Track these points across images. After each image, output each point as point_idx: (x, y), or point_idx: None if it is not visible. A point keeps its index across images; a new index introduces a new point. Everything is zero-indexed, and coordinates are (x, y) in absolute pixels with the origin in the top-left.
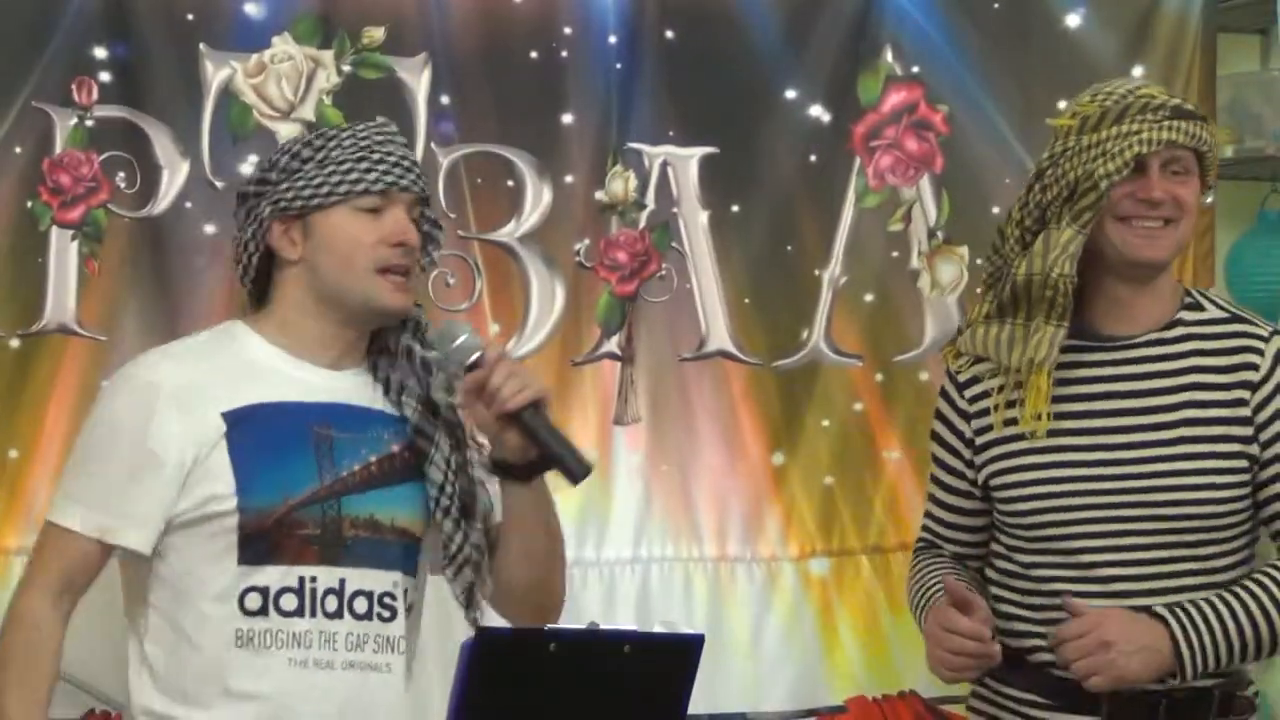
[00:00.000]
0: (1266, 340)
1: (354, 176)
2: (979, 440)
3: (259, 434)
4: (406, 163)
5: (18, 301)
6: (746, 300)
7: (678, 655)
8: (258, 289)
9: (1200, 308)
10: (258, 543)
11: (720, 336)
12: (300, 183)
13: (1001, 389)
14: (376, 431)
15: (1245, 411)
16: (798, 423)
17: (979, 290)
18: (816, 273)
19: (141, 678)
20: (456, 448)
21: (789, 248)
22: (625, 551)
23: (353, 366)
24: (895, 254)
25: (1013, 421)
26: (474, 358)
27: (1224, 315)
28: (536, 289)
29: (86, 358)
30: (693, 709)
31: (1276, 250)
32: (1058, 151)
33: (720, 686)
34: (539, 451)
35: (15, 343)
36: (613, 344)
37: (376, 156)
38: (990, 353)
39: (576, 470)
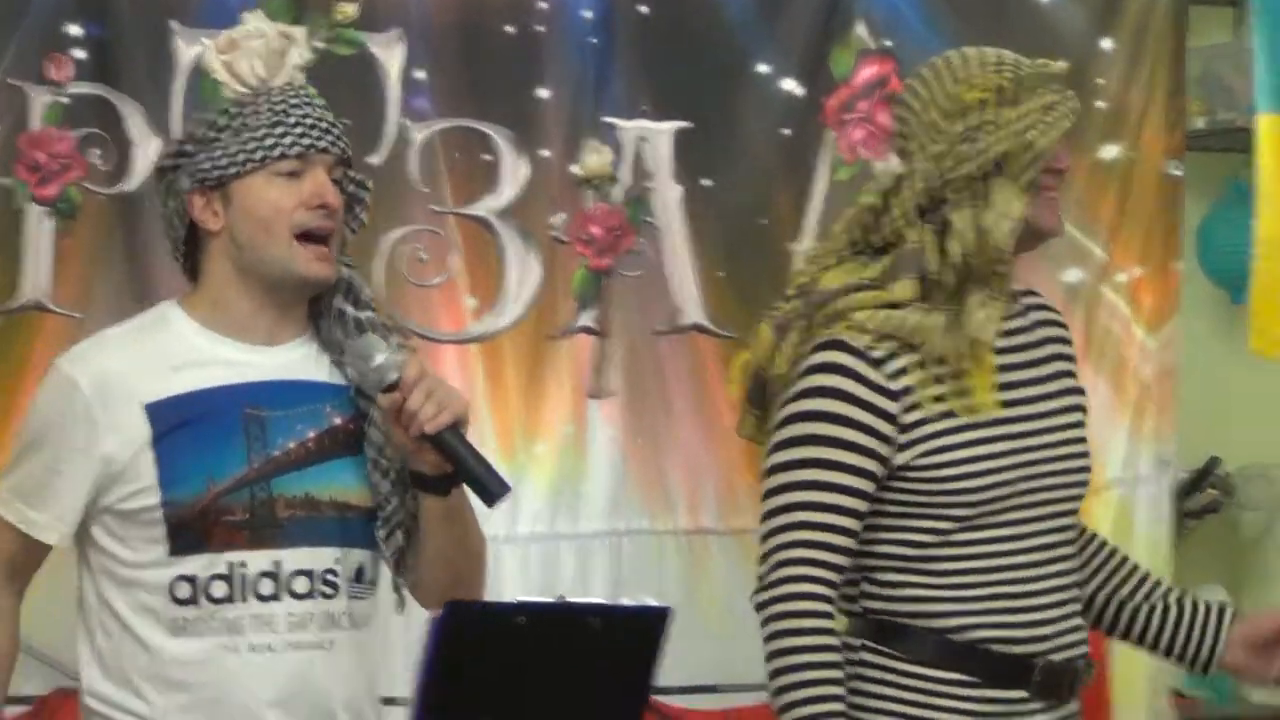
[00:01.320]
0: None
1: (270, 142)
2: (906, 419)
3: (185, 423)
4: (324, 124)
5: None
6: (720, 274)
7: (646, 627)
8: (190, 264)
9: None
10: (186, 533)
11: (694, 310)
12: (217, 152)
13: (922, 367)
14: (317, 405)
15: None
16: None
17: (834, 261)
18: (789, 246)
19: (91, 667)
20: None
21: (763, 221)
22: (599, 524)
23: (292, 338)
24: None
25: (940, 399)
26: (392, 378)
27: (1023, 288)
28: (513, 263)
29: (62, 335)
30: (666, 680)
31: (1247, 222)
32: (973, 125)
33: (694, 658)
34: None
35: None
36: (589, 318)
37: (293, 120)
38: (916, 339)
39: (494, 492)
